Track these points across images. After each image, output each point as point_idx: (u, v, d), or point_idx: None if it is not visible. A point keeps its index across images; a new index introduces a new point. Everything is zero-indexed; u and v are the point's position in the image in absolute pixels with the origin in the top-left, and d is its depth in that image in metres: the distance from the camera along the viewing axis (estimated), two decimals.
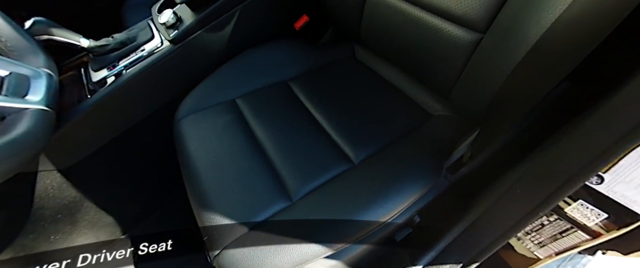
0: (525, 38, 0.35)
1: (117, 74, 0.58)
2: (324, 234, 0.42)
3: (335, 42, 0.76)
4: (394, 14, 0.54)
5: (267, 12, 0.66)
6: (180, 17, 0.59)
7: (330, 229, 0.42)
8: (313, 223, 0.43)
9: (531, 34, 0.34)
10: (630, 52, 0.28)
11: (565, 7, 0.29)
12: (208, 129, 0.55)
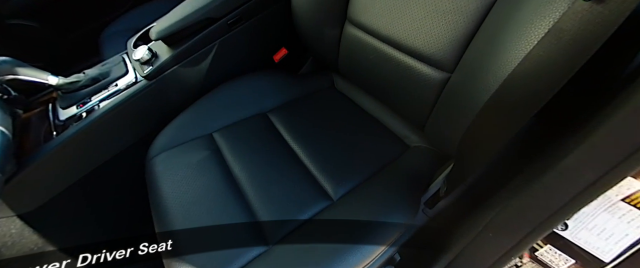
0: (489, 81, 0.37)
1: (87, 111, 0.56)
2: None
3: (314, 72, 0.77)
4: (368, 51, 0.56)
5: (245, 45, 0.66)
6: (155, 52, 0.58)
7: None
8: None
9: (494, 78, 0.36)
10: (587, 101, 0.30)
11: (520, 61, 0.30)
12: (182, 167, 0.53)
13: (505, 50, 0.32)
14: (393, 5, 0.49)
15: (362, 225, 0.45)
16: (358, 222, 0.44)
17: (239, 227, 0.45)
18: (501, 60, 0.33)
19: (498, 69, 0.34)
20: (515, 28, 0.31)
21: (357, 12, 0.57)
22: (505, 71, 0.33)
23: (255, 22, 0.65)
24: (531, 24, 0.29)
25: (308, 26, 0.64)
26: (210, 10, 0.57)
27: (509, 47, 0.32)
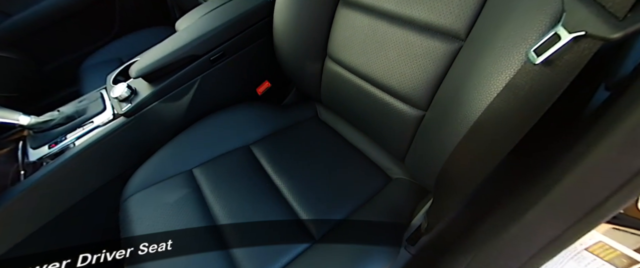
0: (459, 123, 0.38)
1: (59, 151, 0.54)
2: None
3: (298, 102, 0.78)
4: (348, 86, 0.58)
5: (228, 79, 0.67)
6: (135, 89, 0.58)
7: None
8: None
9: (463, 122, 0.37)
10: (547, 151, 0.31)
11: (483, 110, 0.32)
12: (157, 207, 0.51)
13: (470, 99, 0.34)
14: (369, 45, 0.51)
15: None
16: (339, 264, 0.44)
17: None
18: (467, 106, 0.35)
19: (465, 114, 0.36)
20: (477, 78, 0.33)
21: (336, 50, 0.59)
22: (471, 118, 0.35)
23: (238, 57, 0.66)
24: (490, 77, 0.31)
25: (290, 60, 0.66)
26: (193, 48, 0.58)
27: (473, 96, 0.33)
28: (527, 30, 0.27)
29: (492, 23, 0.34)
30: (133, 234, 0.48)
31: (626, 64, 0.30)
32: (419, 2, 0.43)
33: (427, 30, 0.43)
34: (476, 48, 0.36)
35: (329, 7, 0.57)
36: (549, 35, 0.23)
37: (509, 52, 0.29)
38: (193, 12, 0.67)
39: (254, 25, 0.65)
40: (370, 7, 0.50)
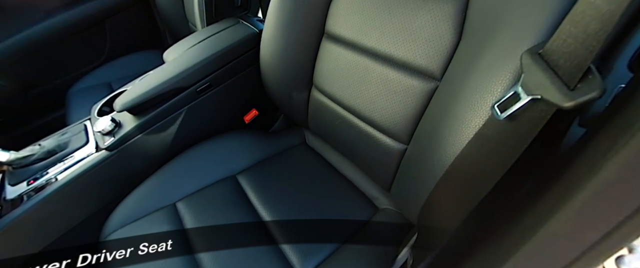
0: (438, 161, 0.39)
1: (39, 187, 0.52)
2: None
3: (286, 129, 0.78)
4: (334, 116, 0.59)
5: (215, 109, 0.67)
6: (119, 122, 0.58)
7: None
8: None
9: (441, 161, 0.38)
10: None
11: (457, 155, 0.33)
12: (138, 245, 0.50)
13: (445, 143, 0.35)
14: (351, 79, 0.52)
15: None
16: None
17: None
18: (443, 149, 0.36)
19: (441, 156, 0.36)
20: (451, 122, 0.34)
21: (321, 81, 0.60)
22: (446, 160, 0.35)
23: (225, 87, 0.67)
24: (462, 123, 0.32)
25: (277, 89, 0.66)
26: (179, 81, 0.59)
27: (447, 141, 0.34)
28: (492, 83, 0.29)
29: (463, 69, 0.35)
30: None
31: (599, 100, 0.31)
32: (397, 42, 0.45)
33: (405, 69, 0.45)
34: (450, 90, 0.37)
35: (313, 40, 0.59)
36: (510, 92, 0.24)
37: (477, 102, 0.30)
38: (181, 43, 0.68)
39: (241, 56, 0.67)
40: (352, 42, 0.52)
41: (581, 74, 0.19)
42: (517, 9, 0.28)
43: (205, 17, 0.75)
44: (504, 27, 0.29)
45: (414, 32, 0.42)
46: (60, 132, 0.60)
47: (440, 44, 0.40)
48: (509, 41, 0.28)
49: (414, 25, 0.42)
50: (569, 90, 0.20)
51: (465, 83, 0.33)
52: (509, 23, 0.28)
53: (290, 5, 0.57)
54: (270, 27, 0.60)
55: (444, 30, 0.39)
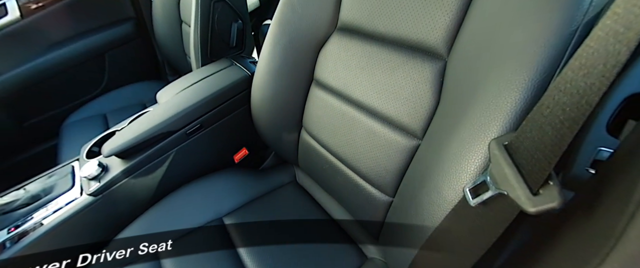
0: (424, 219, 0.38)
1: (20, 234, 0.51)
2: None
3: (276, 166, 0.78)
4: (322, 161, 0.59)
5: (204, 150, 0.67)
6: (106, 165, 0.58)
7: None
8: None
9: (424, 227, 0.37)
10: None
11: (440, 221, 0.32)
12: None
13: (426, 211, 0.35)
14: (339, 128, 0.53)
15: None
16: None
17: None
18: (425, 214, 0.35)
19: (424, 220, 0.36)
20: (431, 191, 0.34)
21: (310, 125, 0.61)
22: (429, 227, 0.35)
23: (216, 127, 0.67)
24: (439, 196, 0.32)
25: (268, 130, 0.67)
26: (170, 125, 0.59)
27: (428, 210, 0.34)
28: (465, 161, 0.29)
29: (441, 134, 0.36)
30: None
31: (580, 159, 0.31)
32: (381, 97, 0.46)
33: (389, 124, 0.45)
34: (430, 152, 0.38)
35: (303, 85, 0.60)
36: (480, 179, 0.24)
37: (452, 177, 0.30)
38: (174, 84, 0.69)
39: (233, 97, 0.68)
40: (339, 92, 0.53)
41: (542, 181, 0.19)
42: (488, 88, 0.29)
43: (200, 57, 0.77)
44: (477, 104, 0.30)
45: (396, 90, 0.43)
46: (47, 174, 0.60)
47: (420, 105, 0.40)
48: (481, 118, 0.29)
49: (396, 84, 0.44)
50: (532, 194, 0.20)
51: (443, 151, 0.33)
52: (482, 101, 0.29)
53: (280, 53, 0.59)
54: (262, 73, 0.61)
55: (423, 91, 0.40)
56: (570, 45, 0.24)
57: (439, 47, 0.38)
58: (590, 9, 0.24)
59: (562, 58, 0.25)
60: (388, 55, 0.45)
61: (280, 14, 0.56)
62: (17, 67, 0.95)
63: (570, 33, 0.24)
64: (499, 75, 0.28)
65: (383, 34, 0.46)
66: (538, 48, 0.25)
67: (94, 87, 1.12)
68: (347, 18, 0.51)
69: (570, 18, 0.24)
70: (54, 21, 0.99)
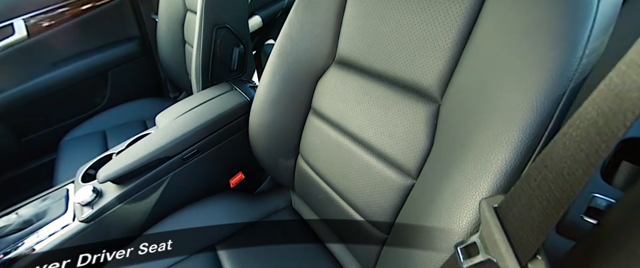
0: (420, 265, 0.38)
1: (11, 261, 0.51)
2: None
3: (272, 190, 0.78)
4: (317, 190, 0.58)
5: (200, 175, 0.67)
6: (100, 191, 0.57)
7: None
8: None
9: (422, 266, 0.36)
10: None
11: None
12: None
13: (419, 256, 0.34)
14: (335, 160, 0.53)
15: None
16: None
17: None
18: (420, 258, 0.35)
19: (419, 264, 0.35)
20: (423, 239, 0.34)
21: (307, 153, 0.61)
22: None
23: (212, 152, 0.68)
24: (431, 247, 0.31)
25: (264, 154, 0.67)
26: (166, 150, 0.60)
27: (422, 256, 0.34)
28: (456, 215, 0.29)
29: (435, 178, 0.36)
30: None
31: (574, 205, 0.30)
32: (377, 133, 0.46)
33: (384, 160, 0.45)
34: (424, 196, 0.38)
35: (301, 113, 0.60)
36: (471, 240, 0.24)
37: (444, 231, 0.30)
38: (173, 108, 0.70)
39: (231, 122, 0.68)
40: (336, 123, 0.53)
41: (531, 255, 0.19)
42: (479, 141, 0.29)
43: (201, 80, 0.78)
44: (468, 156, 0.30)
45: (391, 128, 0.44)
46: (41, 197, 0.60)
47: (415, 145, 0.41)
48: (473, 172, 0.29)
49: (391, 121, 0.44)
50: (521, 267, 0.20)
51: (436, 199, 0.33)
52: (473, 154, 0.29)
53: (279, 82, 0.59)
54: (260, 100, 0.62)
55: (417, 131, 0.40)
56: (557, 109, 0.25)
57: (432, 90, 0.39)
58: (576, 75, 0.24)
59: (549, 121, 0.25)
60: (384, 92, 0.46)
61: (279, 46, 0.57)
62: (20, 84, 0.96)
63: (557, 97, 0.24)
64: (488, 129, 0.28)
65: (379, 71, 0.46)
66: (526, 109, 0.25)
67: (95, 104, 1.13)
68: (345, 52, 0.52)
69: (558, 81, 0.25)
70: (61, 40, 1.01)
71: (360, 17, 0.47)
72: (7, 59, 0.94)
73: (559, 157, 0.17)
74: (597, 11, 0.24)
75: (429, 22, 0.38)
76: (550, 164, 0.18)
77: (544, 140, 0.25)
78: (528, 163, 0.26)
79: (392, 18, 0.42)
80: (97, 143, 0.95)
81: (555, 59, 0.25)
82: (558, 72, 0.24)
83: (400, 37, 0.42)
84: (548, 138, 0.25)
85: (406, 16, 0.41)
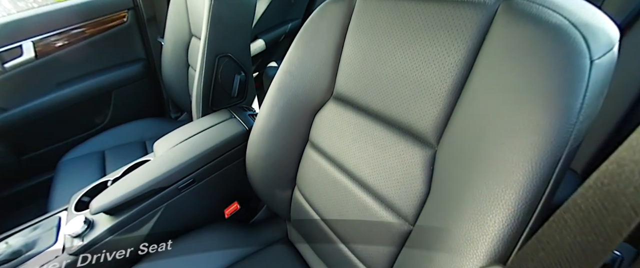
0: None
1: None
2: None
3: (267, 220, 0.76)
4: (313, 225, 0.57)
5: (194, 204, 0.66)
6: (92, 221, 0.56)
7: None
8: None
9: None
10: None
11: None
12: None
13: None
14: (332, 197, 0.52)
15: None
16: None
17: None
18: None
19: None
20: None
21: (303, 186, 0.60)
22: None
23: (208, 181, 0.67)
24: None
25: (261, 185, 0.66)
26: (161, 181, 0.59)
27: None
28: None
29: (432, 228, 0.35)
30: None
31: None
32: (373, 173, 0.45)
33: (381, 202, 0.44)
34: (421, 246, 0.36)
35: (298, 145, 0.60)
36: None
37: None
38: (172, 135, 0.70)
39: (228, 151, 0.68)
40: (333, 158, 0.53)
41: None
42: (475, 197, 0.29)
43: (201, 107, 0.79)
44: (465, 213, 0.29)
45: (388, 170, 0.43)
46: (32, 226, 0.59)
47: (411, 190, 0.40)
48: (470, 232, 0.28)
49: (387, 163, 0.43)
50: None
51: (434, 254, 0.32)
52: (469, 212, 0.28)
53: (277, 114, 0.60)
54: (258, 131, 0.62)
55: (413, 176, 0.40)
56: (553, 174, 0.24)
57: (428, 135, 0.39)
58: (571, 140, 0.24)
59: (546, 187, 0.25)
60: (381, 132, 0.45)
61: (278, 81, 0.58)
62: (24, 104, 0.98)
63: (553, 162, 0.24)
64: (486, 187, 0.28)
65: (375, 110, 0.46)
66: (523, 172, 0.25)
67: (97, 123, 1.14)
68: (342, 89, 0.53)
69: (554, 145, 0.24)
70: (68, 61, 1.03)
71: (357, 57, 0.48)
72: (14, 78, 0.96)
73: (556, 243, 0.17)
74: (589, 75, 0.24)
75: (424, 69, 0.38)
76: (547, 246, 0.18)
77: (541, 206, 0.25)
78: (525, 230, 0.25)
79: (387, 61, 0.43)
80: (95, 164, 0.95)
81: (550, 123, 0.24)
82: (553, 136, 0.24)
83: (396, 80, 0.42)
84: (545, 204, 0.25)
85: (401, 60, 0.41)
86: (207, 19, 0.75)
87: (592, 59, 0.23)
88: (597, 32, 0.24)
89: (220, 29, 0.77)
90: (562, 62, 0.23)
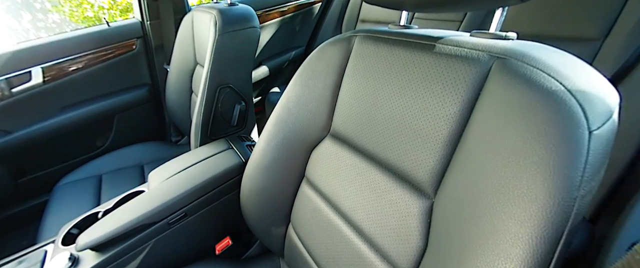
0: None
1: None
2: None
3: (260, 256, 0.73)
4: (307, 264, 0.55)
5: (185, 240, 0.64)
6: (77, 258, 0.54)
7: None
8: None
9: None
10: None
11: None
12: None
13: None
14: (326, 240, 0.50)
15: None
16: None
17: None
18: None
19: None
20: None
21: (297, 224, 0.58)
22: None
23: (200, 215, 0.65)
24: None
25: (255, 220, 0.64)
26: (152, 216, 0.57)
27: None
28: None
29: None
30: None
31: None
32: (369, 220, 0.43)
33: (377, 252, 0.42)
34: None
35: (294, 181, 0.59)
36: None
37: None
38: (167, 165, 0.69)
39: (223, 184, 0.67)
40: (327, 198, 0.51)
41: None
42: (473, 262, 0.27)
43: (200, 136, 0.79)
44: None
45: (384, 217, 0.41)
46: (17, 260, 0.57)
47: (408, 242, 0.38)
48: None
49: (383, 210, 0.42)
50: None
51: None
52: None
53: (273, 149, 0.59)
54: (254, 166, 0.61)
55: (410, 227, 0.38)
56: (556, 252, 0.22)
57: (425, 185, 0.37)
58: (573, 214, 0.22)
59: (549, 263, 0.23)
60: (377, 176, 0.44)
61: (276, 116, 0.58)
62: (27, 127, 0.99)
63: (555, 239, 0.22)
64: (485, 256, 0.26)
65: (372, 153, 0.45)
66: (525, 247, 0.23)
67: (97, 146, 1.14)
68: (339, 128, 0.52)
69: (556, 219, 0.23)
70: (75, 86, 1.06)
71: (353, 98, 0.48)
72: (20, 102, 0.98)
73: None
74: (589, 147, 0.23)
75: (420, 117, 0.38)
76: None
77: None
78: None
79: (383, 105, 0.42)
80: (91, 189, 0.94)
81: (550, 195, 0.23)
82: (554, 211, 0.22)
83: (392, 125, 0.41)
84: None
85: (397, 106, 0.41)
86: (211, 50, 0.77)
87: (590, 130, 0.22)
88: (594, 100, 0.23)
89: (223, 61, 0.79)
90: (559, 132, 0.22)
